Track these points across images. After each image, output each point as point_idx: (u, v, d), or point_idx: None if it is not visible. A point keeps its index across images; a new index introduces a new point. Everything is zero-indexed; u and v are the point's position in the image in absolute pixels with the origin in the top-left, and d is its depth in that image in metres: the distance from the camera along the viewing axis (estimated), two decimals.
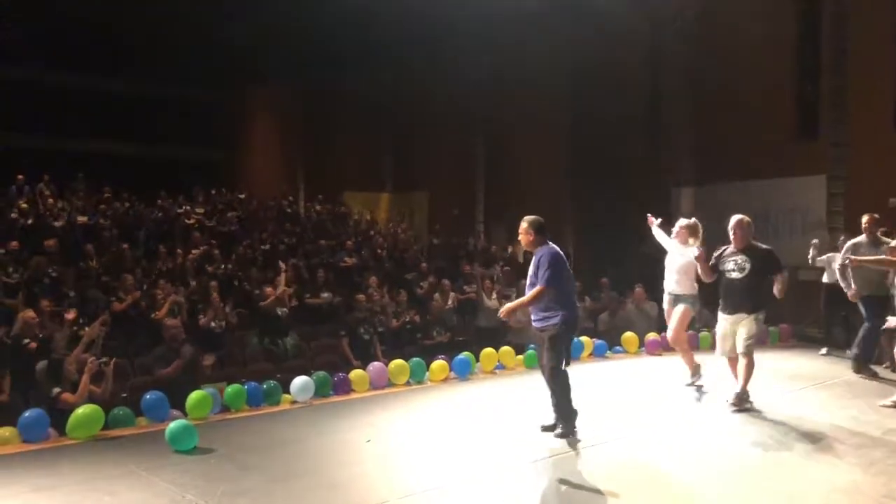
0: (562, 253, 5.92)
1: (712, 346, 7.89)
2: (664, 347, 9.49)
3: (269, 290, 10.32)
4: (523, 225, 5.95)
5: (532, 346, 9.38)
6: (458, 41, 17.42)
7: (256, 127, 27.25)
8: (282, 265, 11.14)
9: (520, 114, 18.16)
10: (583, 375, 8.64)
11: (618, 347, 10.11)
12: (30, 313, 7.72)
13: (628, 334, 10.16)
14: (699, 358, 7.84)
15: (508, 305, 6.17)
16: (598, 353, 9.79)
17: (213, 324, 9.50)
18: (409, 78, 20.48)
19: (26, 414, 5.86)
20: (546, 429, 5.89)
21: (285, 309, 10.24)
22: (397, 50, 18.30)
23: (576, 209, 16.86)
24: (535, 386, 7.97)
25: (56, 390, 6.28)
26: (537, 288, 5.73)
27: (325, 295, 11.51)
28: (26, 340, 7.41)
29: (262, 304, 10.12)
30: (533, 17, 15.39)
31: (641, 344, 10.06)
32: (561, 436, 5.72)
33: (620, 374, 8.58)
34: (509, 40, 16.90)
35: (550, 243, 5.90)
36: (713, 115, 14.72)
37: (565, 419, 5.78)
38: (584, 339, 9.86)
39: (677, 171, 15.19)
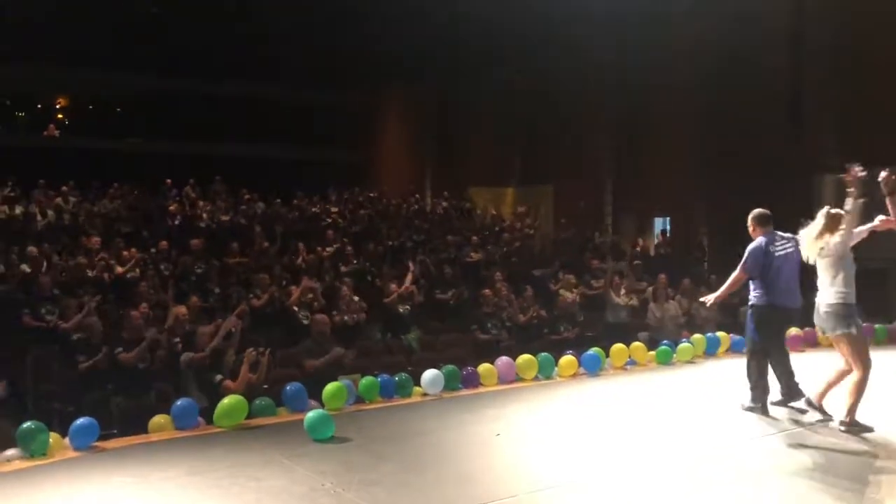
0: (761, 244, 6.19)
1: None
2: (808, 343, 9.02)
3: (393, 286, 10.56)
4: (749, 219, 6.42)
5: (665, 342, 9.15)
6: (585, 32, 17.15)
7: (387, 127, 27.87)
8: (410, 265, 11.35)
9: (650, 103, 17.66)
10: (719, 372, 8.39)
11: None
12: (182, 309, 8.23)
13: None
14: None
15: (713, 295, 6.64)
16: (736, 349, 9.42)
17: (345, 318, 9.81)
18: (534, 72, 20.36)
19: (178, 403, 6.26)
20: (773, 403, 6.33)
21: (407, 307, 10.43)
22: (522, 45, 18.25)
23: (708, 200, 16.24)
24: (668, 383, 7.83)
25: (218, 377, 6.71)
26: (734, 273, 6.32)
27: (451, 292, 11.65)
28: (176, 339, 7.89)
29: (386, 300, 10.37)
30: (663, 4, 14.95)
31: None
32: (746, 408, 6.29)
33: None
34: (639, 29, 16.48)
35: (766, 236, 6.22)
36: (861, 93, 13.77)
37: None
38: (720, 334, 9.54)
39: (821, 158, 14.33)
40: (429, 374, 7.29)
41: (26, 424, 5.47)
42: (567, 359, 8.20)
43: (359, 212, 16.89)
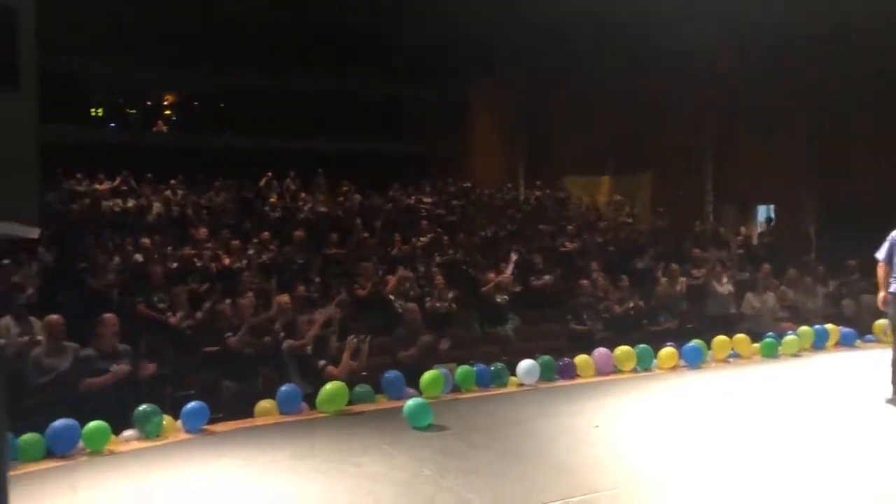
0: (893, 233, 6.20)
1: None
2: None
3: (490, 276, 10.54)
4: None
5: (771, 334, 8.83)
6: (685, 15, 16.62)
7: (480, 118, 27.84)
8: (513, 255, 11.27)
9: (752, 86, 16.98)
10: (827, 365, 8.04)
11: (869, 336, 9.23)
12: (284, 298, 8.47)
13: (880, 322, 9.20)
14: None
15: (880, 295, 6.41)
16: (845, 342, 9.00)
17: (437, 304, 9.86)
18: (629, 58, 19.91)
19: (283, 389, 6.47)
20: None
21: (506, 297, 10.39)
22: (618, 31, 17.87)
23: (818, 185, 15.50)
24: (773, 376, 7.55)
25: (321, 363, 6.91)
26: None
27: (547, 277, 11.57)
28: (277, 327, 8.11)
29: (483, 289, 10.37)
30: None
31: None
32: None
33: (869, 366, 7.80)
34: (739, 10, 15.86)
35: None
36: None
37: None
38: (829, 326, 9.13)
39: None
40: (524, 365, 7.29)
41: (142, 407, 5.78)
42: (667, 350, 8.03)
43: (452, 202, 16.97)
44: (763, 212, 17.61)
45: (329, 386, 6.36)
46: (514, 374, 7.37)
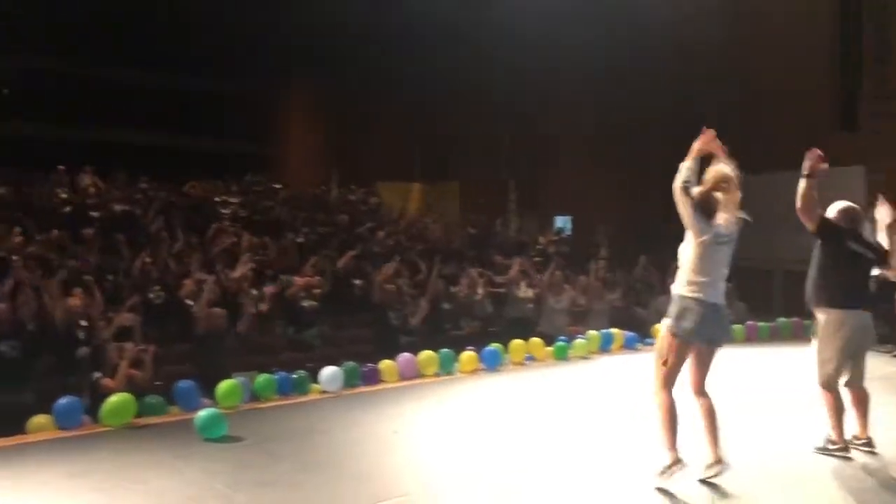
0: None
1: None
2: None
3: (297, 279, 10.32)
4: None
5: (562, 338, 9.34)
6: (487, 34, 17.36)
7: (291, 120, 27.42)
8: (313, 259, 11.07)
9: (547, 103, 18.11)
10: (612, 367, 8.63)
11: (649, 339, 10.01)
12: (75, 300, 7.82)
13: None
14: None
15: None
16: (629, 345, 9.73)
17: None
18: (438, 69, 20.45)
19: (61, 401, 5.94)
20: None
21: (314, 302, 10.22)
22: (427, 42, 18.28)
23: (607, 202, 16.76)
24: (565, 378, 8.01)
25: (97, 375, 6.40)
26: None
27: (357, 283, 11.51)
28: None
29: (288, 292, 10.13)
30: (560, 12, 15.29)
31: None
32: None
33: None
34: (537, 33, 16.81)
35: None
36: (749, 105, 14.48)
37: None
38: (614, 330, 9.81)
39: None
40: (327, 372, 7.21)
41: None
42: (467, 355, 8.29)
43: (261, 202, 16.49)
44: (560, 222, 18.74)
45: (115, 397, 5.94)
46: (318, 381, 7.27)
